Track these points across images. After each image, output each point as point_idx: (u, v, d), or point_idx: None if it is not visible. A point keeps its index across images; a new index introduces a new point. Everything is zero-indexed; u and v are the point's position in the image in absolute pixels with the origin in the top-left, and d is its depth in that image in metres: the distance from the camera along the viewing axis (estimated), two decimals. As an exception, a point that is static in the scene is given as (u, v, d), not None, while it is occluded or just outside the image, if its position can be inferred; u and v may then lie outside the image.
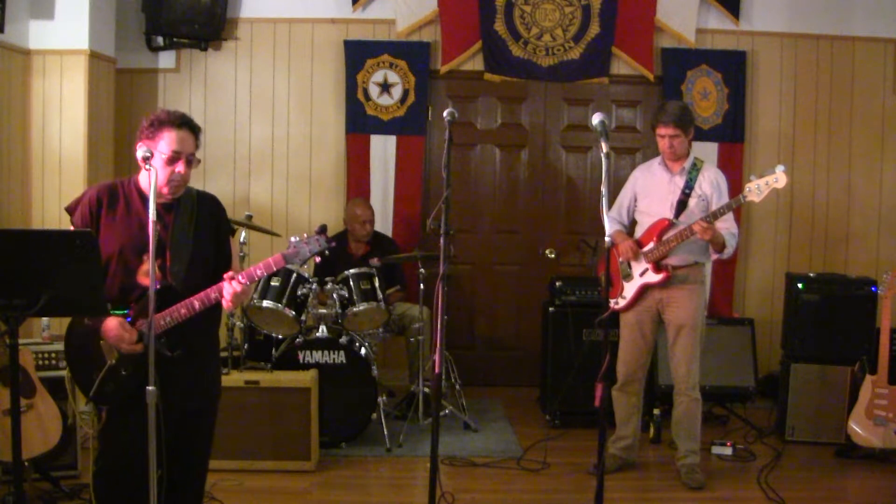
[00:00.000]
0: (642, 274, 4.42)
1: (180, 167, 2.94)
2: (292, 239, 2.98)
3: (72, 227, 3.01)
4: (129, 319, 2.90)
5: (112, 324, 2.87)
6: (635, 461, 4.69)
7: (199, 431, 3.11)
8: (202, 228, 3.05)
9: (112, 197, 3.00)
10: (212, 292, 2.92)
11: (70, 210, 3.02)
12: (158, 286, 2.81)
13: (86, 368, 2.97)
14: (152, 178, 2.77)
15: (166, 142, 2.92)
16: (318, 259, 3.01)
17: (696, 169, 4.42)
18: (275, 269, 2.99)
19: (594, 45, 6.17)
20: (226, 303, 2.93)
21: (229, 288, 2.89)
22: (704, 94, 6.20)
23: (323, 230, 3.00)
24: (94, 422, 4.43)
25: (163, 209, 2.97)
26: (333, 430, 4.76)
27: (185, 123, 2.98)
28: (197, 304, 2.92)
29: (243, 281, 2.91)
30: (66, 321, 3.08)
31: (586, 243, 5.94)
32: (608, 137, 3.21)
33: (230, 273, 2.93)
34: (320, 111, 6.21)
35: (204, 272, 3.02)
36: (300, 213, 6.21)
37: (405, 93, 6.15)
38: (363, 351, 4.91)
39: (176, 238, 2.98)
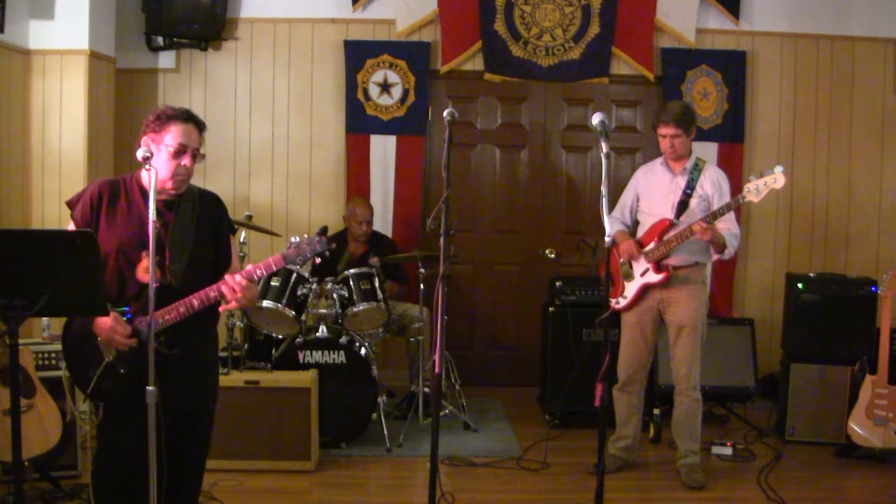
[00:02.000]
0: (643, 274, 4.42)
1: (186, 160, 2.96)
2: (293, 239, 2.98)
3: (71, 223, 3.01)
4: (128, 317, 2.90)
5: (104, 319, 2.86)
6: (635, 461, 4.69)
7: (196, 431, 3.10)
8: (203, 227, 3.05)
9: (113, 192, 3.00)
10: (211, 291, 2.92)
11: (71, 204, 3.03)
12: (157, 284, 2.80)
13: (83, 366, 2.96)
14: (152, 179, 2.77)
15: (173, 135, 2.94)
16: (318, 260, 3.02)
17: (697, 169, 4.43)
18: (275, 269, 2.99)
19: (594, 45, 6.17)
20: (229, 294, 2.90)
21: (231, 281, 2.89)
22: (704, 94, 6.19)
23: (324, 231, 3.01)
24: (93, 421, 4.44)
25: (164, 207, 2.97)
26: (333, 430, 4.76)
27: (191, 118, 3.03)
28: (195, 303, 2.91)
29: (242, 280, 2.90)
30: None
31: (586, 243, 5.93)
32: (608, 137, 3.21)
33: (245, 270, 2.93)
34: (320, 111, 6.21)
35: (203, 271, 3.02)
36: (300, 213, 6.21)
37: (405, 93, 6.15)
38: (363, 351, 4.91)
39: (176, 236, 2.98)
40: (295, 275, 4.87)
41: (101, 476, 3.03)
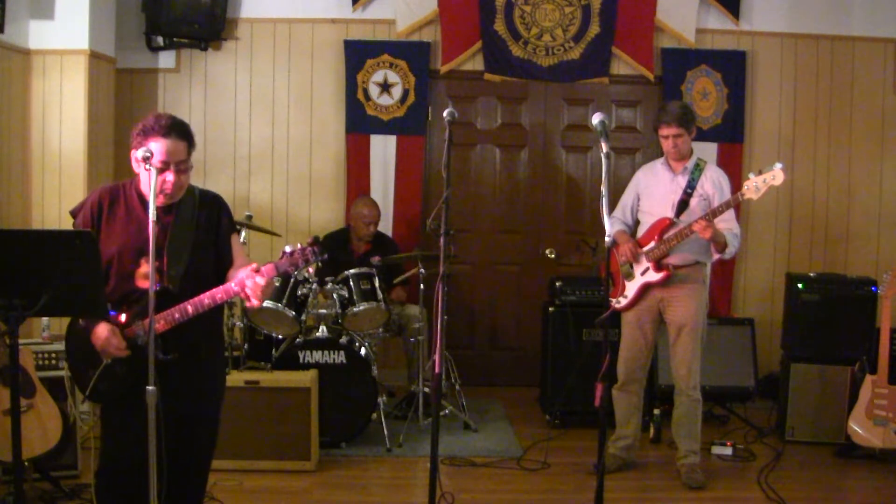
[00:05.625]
0: (643, 273, 4.43)
1: (170, 176, 2.90)
2: (286, 249, 2.91)
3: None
4: (112, 313, 2.89)
5: (102, 330, 2.87)
6: (635, 461, 4.69)
7: (197, 434, 3.09)
8: (202, 231, 3.03)
9: (113, 199, 2.99)
10: (206, 298, 2.90)
11: (74, 213, 3.03)
12: (156, 289, 2.79)
13: (83, 366, 2.98)
14: (152, 179, 2.76)
15: (154, 151, 2.84)
16: (310, 270, 2.99)
17: (698, 169, 4.43)
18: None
19: (594, 45, 6.17)
20: (252, 295, 2.85)
21: (254, 284, 2.83)
22: (704, 95, 6.19)
23: (316, 241, 2.96)
24: (94, 421, 4.44)
25: (162, 211, 2.95)
26: (333, 430, 4.76)
27: (172, 130, 2.89)
28: (190, 309, 2.90)
29: (262, 281, 2.84)
30: (67, 321, 3.09)
31: (586, 243, 5.93)
32: (608, 137, 3.22)
33: (248, 269, 2.85)
34: (320, 111, 6.21)
35: (203, 276, 3.00)
36: (300, 213, 6.21)
37: (405, 93, 6.15)
38: (363, 351, 4.91)
39: (174, 241, 2.96)
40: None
41: (103, 476, 3.04)
